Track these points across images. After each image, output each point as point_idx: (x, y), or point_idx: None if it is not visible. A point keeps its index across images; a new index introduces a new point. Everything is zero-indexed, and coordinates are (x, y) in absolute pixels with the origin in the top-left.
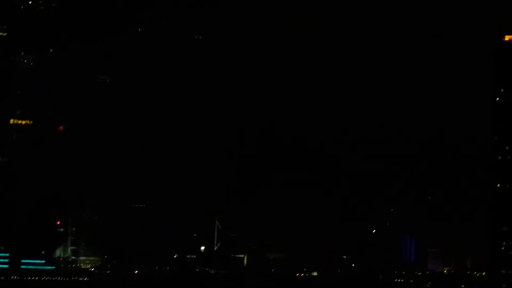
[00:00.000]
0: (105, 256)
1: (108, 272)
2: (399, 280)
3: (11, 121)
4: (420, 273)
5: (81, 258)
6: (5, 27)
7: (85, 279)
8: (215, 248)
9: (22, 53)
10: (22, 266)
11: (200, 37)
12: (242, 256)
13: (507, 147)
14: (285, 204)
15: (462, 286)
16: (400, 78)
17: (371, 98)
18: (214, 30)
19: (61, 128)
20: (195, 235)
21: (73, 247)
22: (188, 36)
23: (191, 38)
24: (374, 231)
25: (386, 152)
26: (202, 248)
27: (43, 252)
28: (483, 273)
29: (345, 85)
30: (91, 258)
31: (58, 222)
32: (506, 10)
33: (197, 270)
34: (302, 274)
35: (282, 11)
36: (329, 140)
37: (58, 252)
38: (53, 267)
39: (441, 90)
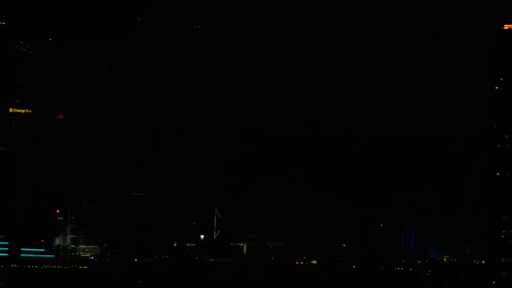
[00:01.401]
0: (105, 245)
1: (107, 260)
2: (399, 268)
3: (10, 110)
4: (419, 262)
5: (81, 246)
6: (4, 16)
7: (85, 267)
8: (215, 237)
9: (22, 43)
10: (21, 255)
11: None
12: (242, 244)
13: (506, 136)
14: (285, 193)
15: (462, 274)
16: (399, 70)
17: (368, 91)
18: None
19: (60, 116)
20: (194, 223)
21: (72, 236)
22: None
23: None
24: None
25: (386, 143)
26: (202, 236)
27: (42, 241)
28: (483, 261)
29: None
30: (91, 246)
31: (58, 211)
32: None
33: (197, 258)
34: (302, 263)
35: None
36: (328, 135)
37: (58, 241)
38: (53, 256)
39: (440, 80)
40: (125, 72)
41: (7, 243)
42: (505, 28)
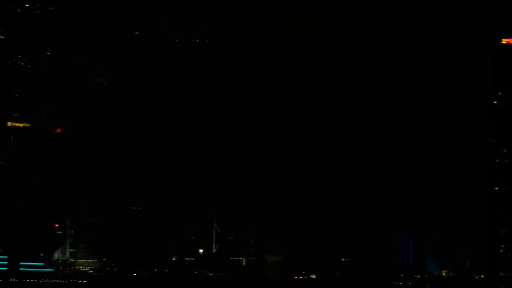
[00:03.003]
0: (104, 259)
1: (106, 274)
2: (397, 283)
3: (9, 123)
4: (418, 276)
5: (80, 260)
6: (2, 30)
7: (84, 281)
8: (214, 251)
9: (20, 56)
10: (20, 269)
11: (198, 38)
12: (241, 258)
13: (504, 150)
14: (284, 206)
15: None
16: (397, 81)
17: (368, 100)
18: (213, 30)
19: (58, 130)
20: (193, 237)
21: (71, 250)
22: (186, 36)
23: (189, 38)
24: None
25: (384, 154)
26: (201, 250)
27: (41, 255)
28: (482, 276)
29: (343, 85)
30: (90, 260)
31: (57, 225)
32: (503, 14)
33: (196, 272)
34: (301, 277)
35: (280, 11)
36: (327, 142)
37: (57, 255)
38: (52, 270)
39: (439, 93)
40: (122, 85)
41: (6, 257)
42: (503, 42)
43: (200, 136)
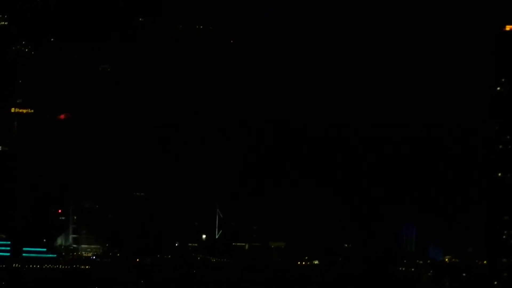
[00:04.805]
0: (106, 244)
1: (109, 260)
2: (400, 269)
3: (12, 110)
4: (421, 262)
5: (83, 246)
6: (6, 16)
7: (87, 267)
8: (216, 237)
9: (23, 42)
10: (23, 254)
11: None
12: (243, 244)
13: (508, 137)
14: (286, 192)
15: (463, 274)
16: (400, 70)
17: (371, 91)
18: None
19: (62, 116)
20: (196, 223)
21: (74, 235)
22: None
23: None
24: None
25: (387, 142)
26: (204, 236)
27: (44, 240)
28: (484, 262)
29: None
30: (93, 246)
31: (60, 211)
32: (506, 0)
33: (198, 258)
34: (303, 263)
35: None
36: (331, 135)
37: (60, 240)
38: (55, 255)
39: (442, 80)
40: (127, 72)
41: (9, 242)
42: (506, 29)
43: (203, 125)
